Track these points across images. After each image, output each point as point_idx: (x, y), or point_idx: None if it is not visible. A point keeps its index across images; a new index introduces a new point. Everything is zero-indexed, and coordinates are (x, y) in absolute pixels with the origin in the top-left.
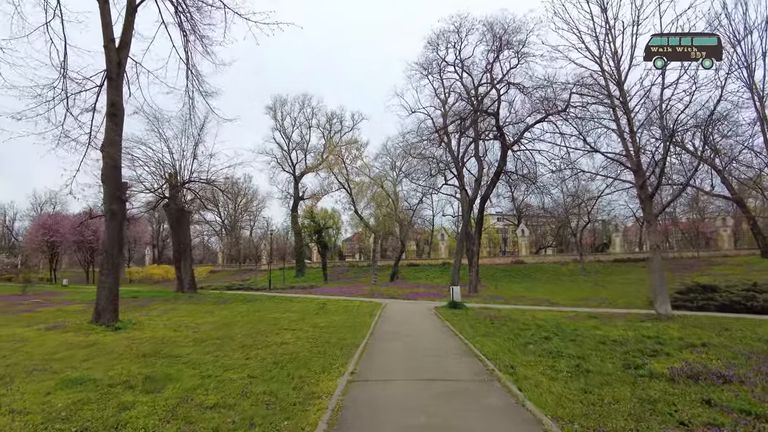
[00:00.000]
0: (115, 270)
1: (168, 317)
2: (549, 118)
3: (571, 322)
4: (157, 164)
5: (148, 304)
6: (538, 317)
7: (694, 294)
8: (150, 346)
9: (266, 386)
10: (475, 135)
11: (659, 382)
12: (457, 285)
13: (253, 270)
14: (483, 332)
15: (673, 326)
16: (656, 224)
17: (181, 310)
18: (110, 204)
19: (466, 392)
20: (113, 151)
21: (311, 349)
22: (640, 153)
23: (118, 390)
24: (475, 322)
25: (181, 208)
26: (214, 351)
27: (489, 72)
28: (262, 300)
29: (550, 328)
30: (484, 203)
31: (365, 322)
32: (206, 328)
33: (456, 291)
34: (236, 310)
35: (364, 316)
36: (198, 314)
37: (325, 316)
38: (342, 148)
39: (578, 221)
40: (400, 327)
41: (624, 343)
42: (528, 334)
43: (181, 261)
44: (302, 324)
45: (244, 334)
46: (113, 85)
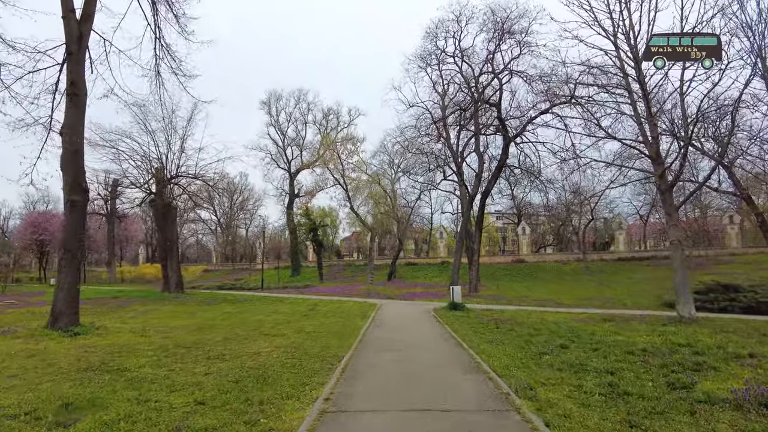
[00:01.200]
0: (75, 268)
1: (143, 320)
2: (553, 109)
3: (585, 325)
4: (143, 158)
5: (128, 305)
6: (547, 320)
7: (715, 294)
8: (101, 357)
9: (211, 419)
10: (475, 128)
11: (725, 411)
12: (457, 285)
13: (248, 269)
14: (488, 339)
15: (702, 331)
16: (677, 218)
17: (161, 311)
18: (70, 194)
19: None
20: (73, 134)
21: (286, 362)
22: (659, 140)
23: (15, 424)
24: (479, 327)
25: (168, 204)
26: (173, 363)
27: (490, 62)
28: (251, 300)
29: (564, 333)
30: (485, 199)
31: (356, 327)
32: (179, 332)
33: (456, 291)
34: (221, 311)
35: (355, 319)
36: (178, 316)
37: (313, 318)
38: (338, 144)
39: (580, 219)
40: (395, 333)
41: (656, 354)
42: (540, 340)
43: (167, 259)
44: (286, 328)
45: (218, 341)
46: (74, 62)
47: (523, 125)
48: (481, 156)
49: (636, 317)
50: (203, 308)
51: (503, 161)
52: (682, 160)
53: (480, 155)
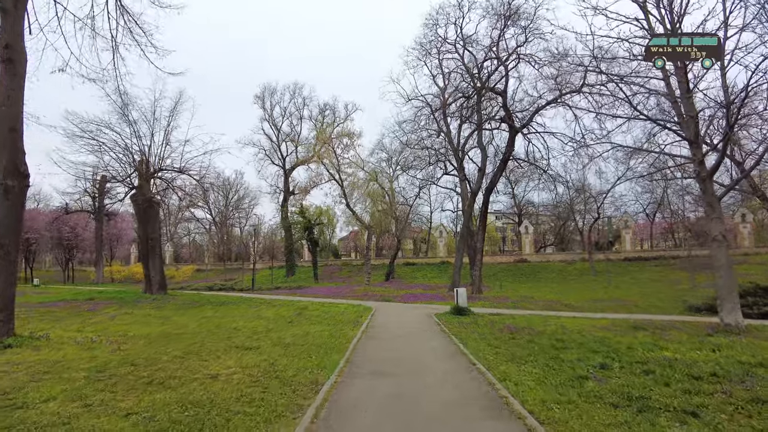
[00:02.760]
0: (10, 267)
1: (104, 327)
2: (563, 98)
3: (616, 335)
4: (124, 151)
5: (98, 308)
6: (567, 327)
7: (754, 298)
8: (10, 383)
9: None
10: (478, 120)
11: None
12: (459, 286)
13: (242, 269)
14: (507, 355)
15: (763, 344)
16: (720, 210)
17: (132, 316)
18: (4, 178)
19: None
20: (10, 107)
21: (245, 393)
22: (698, 120)
23: None
24: (491, 337)
25: (149, 199)
26: (97, 393)
27: (495, 46)
28: (237, 303)
29: (596, 347)
30: (488, 195)
31: (345, 337)
32: (136, 344)
33: (461, 294)
34: (199, 315)
35: (346, 327)
36: (147, 322)
37: (297, 326)
38: (333, 139)
39: (584, 218)
40: (391, 347)
41: (731, 379)
42: (571, 357)
43: (149, 258)
44: (263, 338)
45: (176, 356)
46: (9, 21)
47: (532, 113)
48: (484, 149)
49: (668, 324)
50: (180, 312)
51: (509, 154)
52: (724, 143)
53: (483, 149)
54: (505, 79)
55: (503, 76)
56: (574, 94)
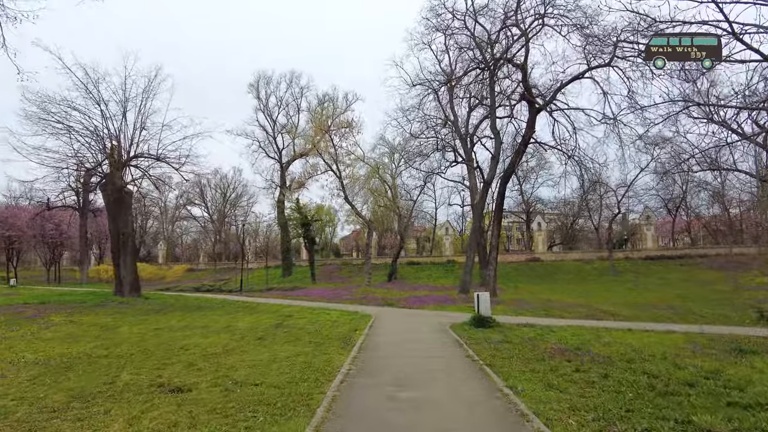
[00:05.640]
0: None
1: (28, 341)
2: (591, 72)
3: (719, 362)
4: (93, 135)
5: (46, 313)
6: (637, 348)
7: None
8: None
9: None
10: (491, 101)
11: None
12: (471, 288)
13: (235, 268)
14: (591, 408)
15: None
16: None
17: (77, 324)
18: None
19: None
20: None
21: None
22: None
23: None
24: (546, 369)
25: (120, 189)
26: None
27: (514, 14)
28: (214, 308)
29: (716, 388)
30: (505, 184)
31: (325, 370)
32: (17, 377)
33: (484, 301)
34: (155, 325)
35: (332, 347)
36: (83, 335)
37: (268, 345)
38: (331, 127)
39: (600, 214)
40: (394, 396)
41: None
42: (704, 420)
43: (120, 256)
44: (207, 371)
45: (44, 407)
46: None
47: (557, 88)
48: (498, 134)
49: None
50: (139, 320)
51: (528, 136)
52: None
53: (497, 133)
54: (525, 50)
55: (523, 46)
56: (602, 68)
